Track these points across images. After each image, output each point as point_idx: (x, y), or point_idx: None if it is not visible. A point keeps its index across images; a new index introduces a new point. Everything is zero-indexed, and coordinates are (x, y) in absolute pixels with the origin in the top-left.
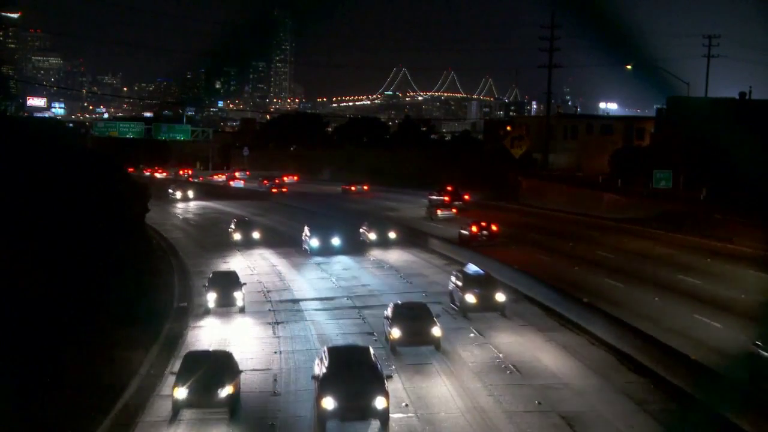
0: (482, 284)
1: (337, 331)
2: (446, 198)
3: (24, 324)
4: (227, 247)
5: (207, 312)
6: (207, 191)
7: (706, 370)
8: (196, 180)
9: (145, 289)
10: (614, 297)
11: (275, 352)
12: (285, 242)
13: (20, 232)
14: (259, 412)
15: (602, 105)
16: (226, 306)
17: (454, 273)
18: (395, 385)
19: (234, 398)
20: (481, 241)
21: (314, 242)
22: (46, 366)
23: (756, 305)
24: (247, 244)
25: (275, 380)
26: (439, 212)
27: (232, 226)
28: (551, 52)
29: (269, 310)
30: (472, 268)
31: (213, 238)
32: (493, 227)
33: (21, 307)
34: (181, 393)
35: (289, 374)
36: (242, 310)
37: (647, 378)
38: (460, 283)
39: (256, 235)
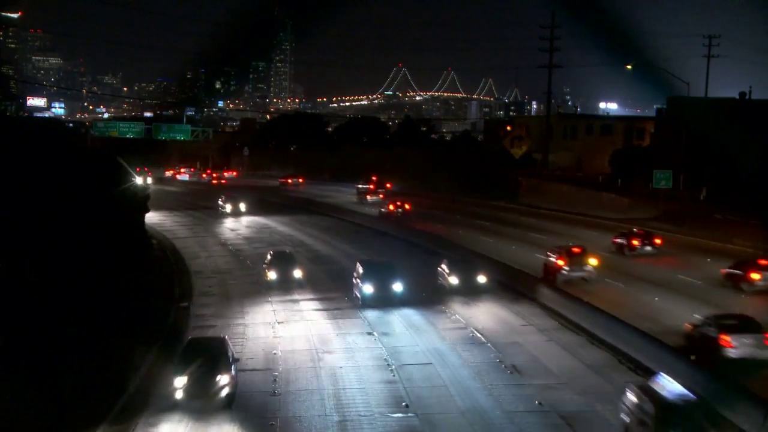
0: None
1: None
2: (371, 186)
3: (24, 324)
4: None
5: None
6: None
7: None
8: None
9: (146, 289)
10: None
11: (275, 352)
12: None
13: (20, 232)
14: (259, 412)
15: (602, 105)
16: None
17: None
18: (395, 386)
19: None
20: (396, 216)
21: (367, 288)
22: (47, 366)
23: None
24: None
25: (275, 380)
26: (368, 197)
27: (267, 259)
28: (551, 52)
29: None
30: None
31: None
32: (407, 206)
33: (21, 307)
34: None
35: (288, 374)
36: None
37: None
38: None
39: (297, 273)
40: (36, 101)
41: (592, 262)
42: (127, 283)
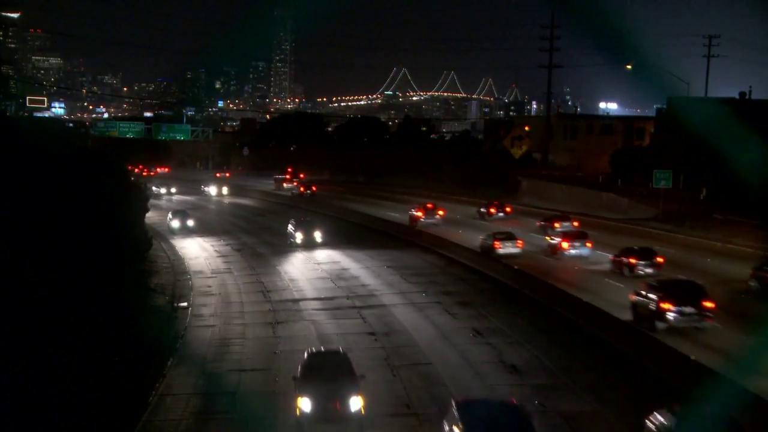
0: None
1: None
2: (287, 176)
3: (23, 324)
4: None
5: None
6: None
7: None
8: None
9: (145, 289)
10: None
11: (275, 352)
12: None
13: (19, 232)
14: (259, 412)
15: (602, 105)
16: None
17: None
18: (396, 385)
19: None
20: (306, 197)
21: (299, 237)
22: (46, 366)
23: None
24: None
25: (275, 380)
26: (284, 185)
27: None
28: (551, 52)
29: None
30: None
31: None
32: (313, 188)
33: (20, 307)
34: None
35: (288, 374)
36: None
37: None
38: None
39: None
40: (36, 101)
41: (440, 213)
42: (126, 281)
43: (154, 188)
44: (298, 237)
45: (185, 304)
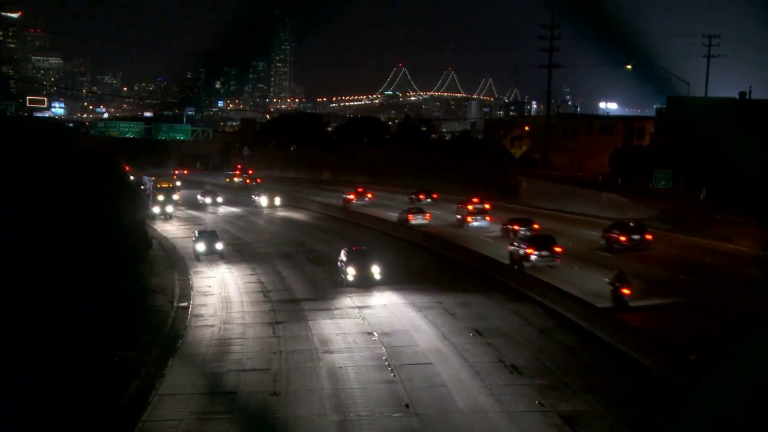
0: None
1: None
2: (237, 172)
3: (23, 324)
4: None
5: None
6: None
7: None
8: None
9: (145, 289)
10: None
11: (275, 352)
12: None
13: (18, 231)
14: (259, 412)
15: (602, 105)
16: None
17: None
18: (396, 386)
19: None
20: (251, 186)
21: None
22: (46, 366)
23: None
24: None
25: (275, 380)
26: (236, 179)
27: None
28: (551, 52)
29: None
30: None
31: None
32: (258, 180)
33: (20, 307)
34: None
35: (288, 374)
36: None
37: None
38: None
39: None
40: (36, 101)
41: (369, 195)
42: (126, 282)
43: (199, 197)
44: (350, 273)
45: (185, 304)
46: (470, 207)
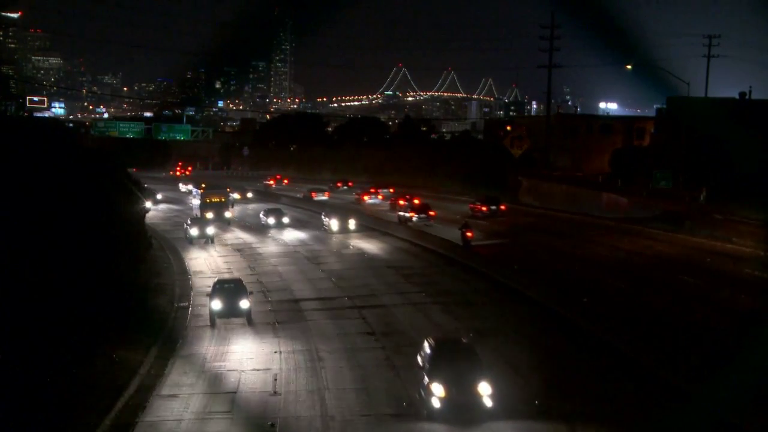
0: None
1: None
2: (178, 169)
3: (23, 324)
4: None
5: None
6: None
7: None
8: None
9: (145, 289)
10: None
11: (275, 352)
12: None
13: (18, 231)
14: (259, 412)
15: (602, 105)
16: None
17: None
18: (396, 385)
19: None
20: (183, 176)
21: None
22: (46, 366)
23: None
24: None
25: (275, 380)
26: (177, 174)
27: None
28: (551, 52)
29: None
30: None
31: None
32: (187, 172)
33: (20, 307)
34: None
35: (288, 374)
36: None
37: None
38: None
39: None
40: (36, 101)
41: (285, 182)
42: (126, 282)
43: (262, 217)
44: (436, 394)
45: (185, 304)
46: (366, 193)
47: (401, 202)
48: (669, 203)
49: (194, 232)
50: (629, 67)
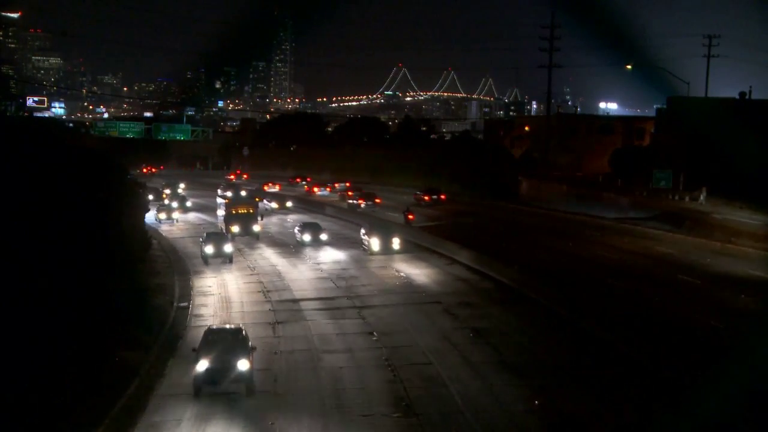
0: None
1: None
2: (151, 169)
3: (23, 324)
4: None
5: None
6: None
7: None
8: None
9: (145, 289)
10: None
11: (275, 352)
12: None
13: (19, 231)
14: (259, 412)
15: (602, 105)
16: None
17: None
18: (396, 385)
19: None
20: (151, 174)
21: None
22: (47, 366)
23: None
24: None
25: (275, 380)
26: (145, 171)
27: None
28: (551, 52)
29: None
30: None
31: None
32: (153, 170)
33: (20, 308)
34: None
35: (288, 374)
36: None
37: None
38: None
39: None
40: (36, 101)
41: (244, 176)
42: (126, 282)
43: (297, 232)
44: None
45: (185, 304)
46: (316, 185)
47: (350, 193)
48: (669, 202)
49: (209, 249)
50: (629, 67)
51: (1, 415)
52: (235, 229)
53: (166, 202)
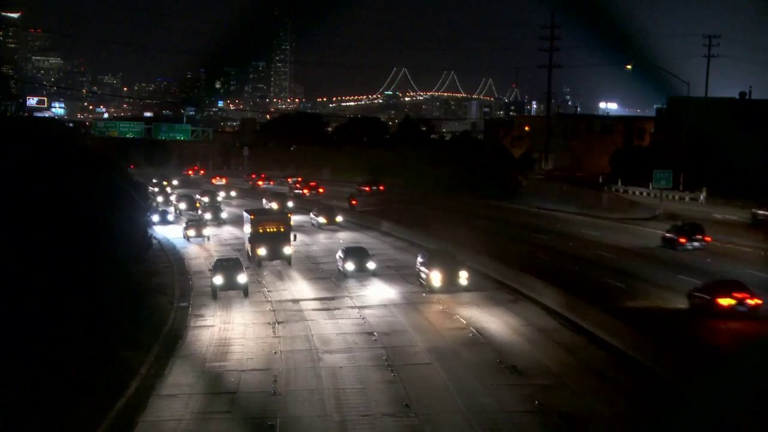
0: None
1: None
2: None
3: (24, 325)
4: None
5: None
6: None
7: None
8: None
9: (145, 289)
10: None
11: (275, 352)
12: None
13: (19, 232)
14: (259, 412)
15: (602, 105)
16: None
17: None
18: (396, 385)
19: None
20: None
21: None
22: (47, 366)
23: None
24: None
25: (275, 380)
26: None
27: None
28: (551, 52)
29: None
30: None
31: None
32: (131, 167)
33: (21, 308)
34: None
35: (288, 374)
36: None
37: None
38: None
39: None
40: (36, 101)
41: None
42: (126, 282)
43: (339, 259)
44: None
45: (185, 304)
46: (260, 179)
47: (297, 184)
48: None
49: (219, 280)
50: (629, 67)
51: (1, 415)
52: (262, 252)
53: (199, 212)
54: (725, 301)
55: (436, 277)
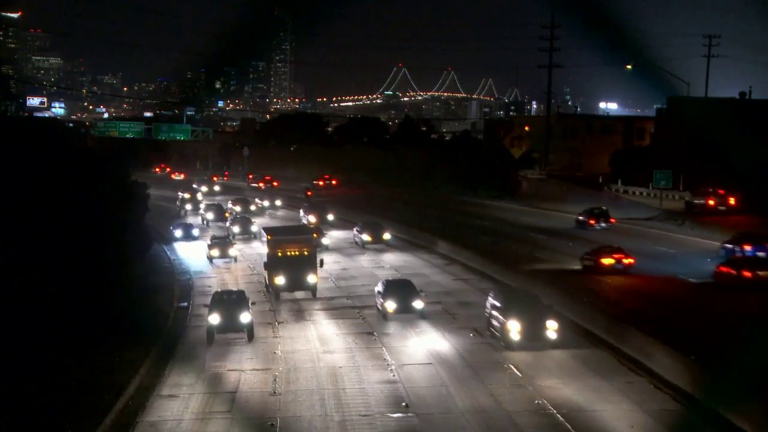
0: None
1: None
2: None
3: (24, 325)
4: None
5: None
6: None
7: None
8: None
9: (145, 289)
10: None
11: (275, 352)
12: None
13: (19, 232)
14: (259, 412)
15: (602, 105)
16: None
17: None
18: (396, 385)
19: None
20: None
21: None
22: (47, 366)
23: None
24: None
25: (275, 380)
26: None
27: None
28: (551, 52)
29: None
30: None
31: None
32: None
33: (21, 308)
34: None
35: (288, 374)
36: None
37: None
38: None
39: None
40: (36, 101)
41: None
42: (126, 282)
43: (378, 295)
44: None
45: (185, 304)
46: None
47: (250, 176)
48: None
49: (215, 320)
50: (629, 67)
51: (2, 415)
52: (280, 281)
53: (228, 224)
54: (606, 261)
55: (514, 328)
